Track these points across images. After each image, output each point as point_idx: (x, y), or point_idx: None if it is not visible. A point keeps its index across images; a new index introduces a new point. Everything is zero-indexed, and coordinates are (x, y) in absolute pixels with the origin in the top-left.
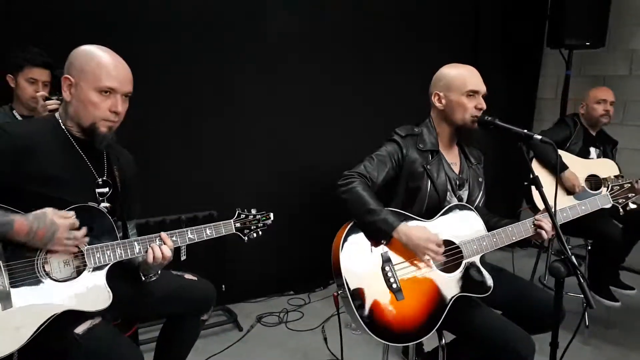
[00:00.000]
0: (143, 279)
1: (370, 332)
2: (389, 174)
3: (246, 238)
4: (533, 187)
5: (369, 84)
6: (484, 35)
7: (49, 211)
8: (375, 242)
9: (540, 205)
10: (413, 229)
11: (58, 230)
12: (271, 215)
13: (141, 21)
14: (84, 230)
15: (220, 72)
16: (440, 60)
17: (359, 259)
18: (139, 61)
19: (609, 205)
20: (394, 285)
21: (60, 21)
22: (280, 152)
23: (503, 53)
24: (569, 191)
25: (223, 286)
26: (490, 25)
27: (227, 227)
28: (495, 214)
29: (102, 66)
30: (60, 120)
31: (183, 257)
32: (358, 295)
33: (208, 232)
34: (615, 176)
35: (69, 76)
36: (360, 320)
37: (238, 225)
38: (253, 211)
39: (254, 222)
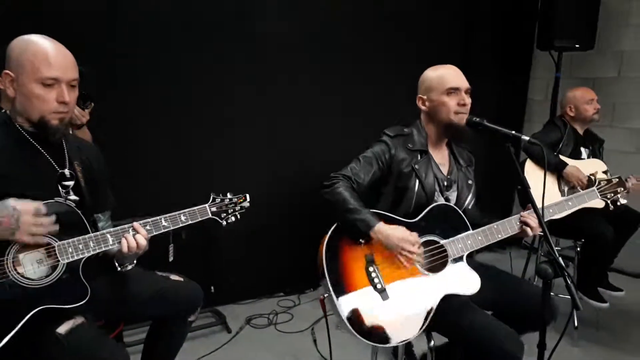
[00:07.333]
0: (119, 268)
1: (356, 334)
2: (375, 174)
3: (224, 222)
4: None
5: (360, 85)
6: (475, 37)
7: (9, 200)
8: (357, 244)
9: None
10: (391, 228)
11: (22, 215)
12: (247, 197)
13: (136, 21)
14: (52, 217)
15: (211, 73)
16: (430, 63)
17: (343, 262)
18: (130, 60)
19: (599, 203)
20: (379, 286)
21: (51, 21)
22: (270, 153)
23: (493, 55)
24: (574, 186)
25: (212, 287)
26: (480, 27)
27: (203, 212)
28: (487, 214)
29: (39, 56)
30: (11, 117)
31: (171, 259)
32: (343, 297)
33: (183, 218)
34: (603, 172)
35: (8, 71)
36: (346, 322)
37: (214, 209)
38: (229, 195)
39: (230, 205)
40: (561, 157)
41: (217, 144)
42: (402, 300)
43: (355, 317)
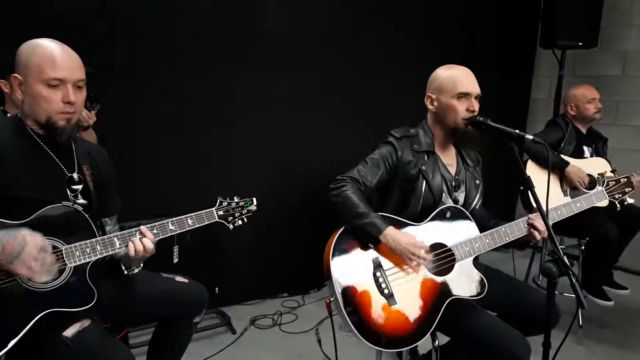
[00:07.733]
0: (125, 272)
1: (363, 339)
2: (382, 177)
3: (232, 226)
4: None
5: (360, 85)
6: (477, 36)
7: (23, 229)
8: (365, 247)
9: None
10: (400, 233)
11: (27, 246)
12: (254, 200)
13: (136, 21)
14: (53, 257)
15: (211, 73)
16: (432, 61)
17: (350, 265)
18: (130, 60)
19: (604, 202)
20: (386, 291)
21: (51, 21)
22: (271, 153)
23: (496, 54)
24: (576, 186)
25: (216, 288)
26: (483, 26)
27: (210, 215)
28: (492, 214)
29: (44, 57)
30: (22, 120)
31: (176, 260)
32: (350, 301)
33: (190, 222)
34: (611, 171)
35: (16, 75)
36: (352, 326)
37: (221, 213)
38: (236, 198)
39: (237, 209)
40: (563, 156)
41: (218, 144)
42: (410, 305)
43: (362, 322)
